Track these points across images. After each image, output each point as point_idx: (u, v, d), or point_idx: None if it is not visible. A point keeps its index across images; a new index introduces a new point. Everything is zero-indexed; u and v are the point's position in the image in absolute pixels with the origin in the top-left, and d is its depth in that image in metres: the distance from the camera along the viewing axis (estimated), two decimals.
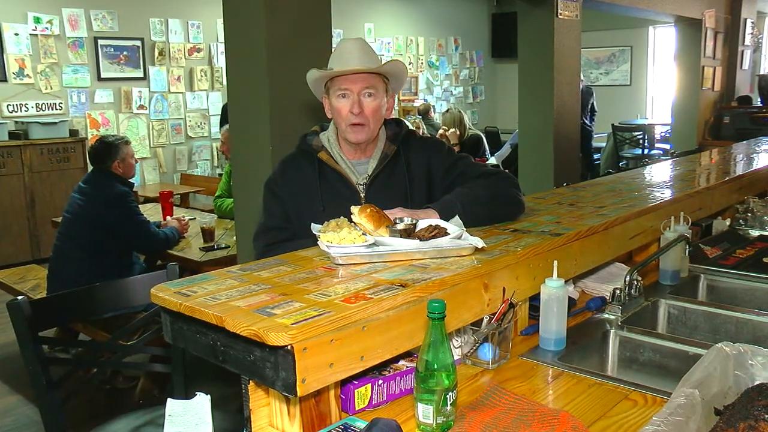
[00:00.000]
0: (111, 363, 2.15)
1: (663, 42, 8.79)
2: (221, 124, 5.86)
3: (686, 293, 1.79)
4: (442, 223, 1.38)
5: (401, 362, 1.18)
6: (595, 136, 7.93)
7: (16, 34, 5.31)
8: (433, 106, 8.59)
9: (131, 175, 3.16)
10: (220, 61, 6.50)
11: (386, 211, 1.40)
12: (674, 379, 1.10)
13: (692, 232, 1.92)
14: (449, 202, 1.52)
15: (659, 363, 1.44)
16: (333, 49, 1.64)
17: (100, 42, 5.76)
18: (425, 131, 5.88)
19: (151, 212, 3.75)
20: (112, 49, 5.82)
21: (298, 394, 0.94)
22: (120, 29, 5.86)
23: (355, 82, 1.56)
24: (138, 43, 6.00)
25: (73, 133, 5.43)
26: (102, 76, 5.79)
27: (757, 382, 1.05)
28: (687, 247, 1.79)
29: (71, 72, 5.63)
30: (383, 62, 1.60)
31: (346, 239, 1.27)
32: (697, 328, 1.66)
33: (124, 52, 5.92)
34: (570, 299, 1.55)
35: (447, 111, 5.62)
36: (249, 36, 2.45)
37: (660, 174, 2.63)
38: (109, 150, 3.11)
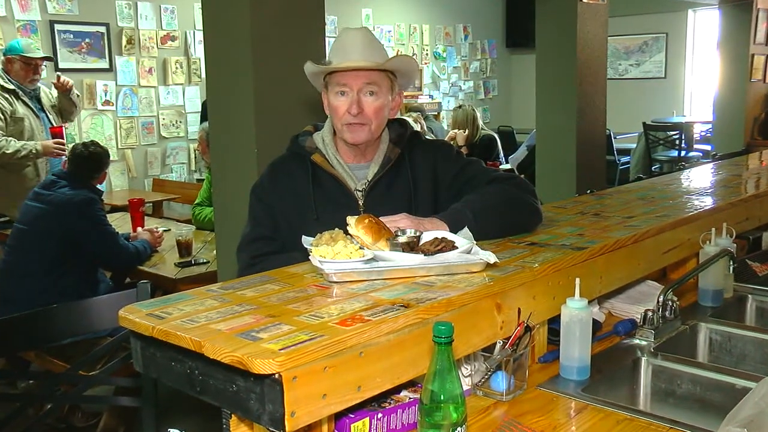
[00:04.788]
0: (69, 397, 2.15)
1: (704, 27, 8.81)
2: (201, 122, 5.87)
3: (731, 316, 1.80)
4: (450, 236, 1.40)
5: (403, 393, 1.19)
6: (624, 136, 7.96)
7: None
8: (440, 103, 8.64)
9: None
10: (198, 51, 6.54)
11: (388, 218, 1.42)
12: (718, 416, 1.11)
13: (737, 246, 1.93)
14: (459, 212, 1.54)
15: (700, 397, 1.44)
16: (334, 39, 1.66)
17: (57, 27, 5.77)
18: (425, 128, 5.91)
19: (119, 223, 3.76)
20: (72, 36, 5.84)
21: (287, 429, 0.95)
22: (81, 12, 5.87)
23: (356, 79, 1.59)
24: (102, 29, 6.03)
25: None
26: (60, 66, 5.77)
27: None
28: (731, 263, 1.80)
29: None
30: (390, 58, 1.63)
31: (342, 253, 1.29)
32: (745, 358, 1.67)
33: (86, 40, 5.95)
34: (595, 322, 1.56)
35: (459, 107, 5.64)
36: (231, 22, 2.47)
37: (699, 179, 2.64)
38: (106, 159, 3.17)
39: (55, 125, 4.10)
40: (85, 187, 3.06)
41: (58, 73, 4.06)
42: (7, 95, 3.89)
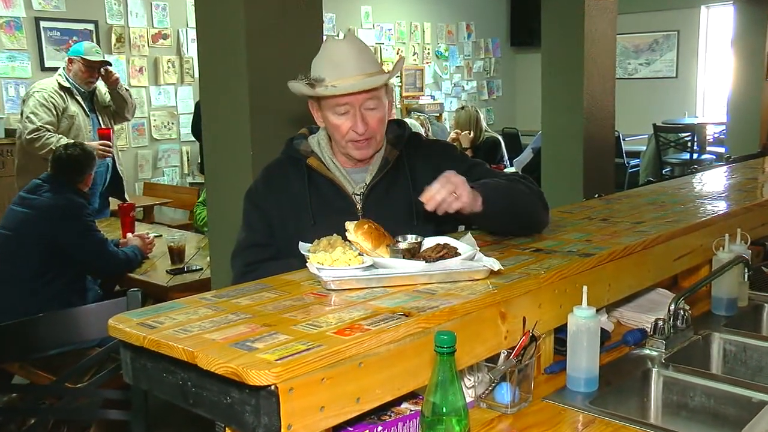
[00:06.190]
0: (55, 410, 2.15)
1: (718, 24, 8.83)
2: (194, 125, 5.90)
3: (746, 326, 1.80)
4: (452, 242, 1.40)
5: (404, 405, 1.19)
6: (633, 138, 7.97)
7: None
8: (441, 104, 8.65)
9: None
10: (191, 50, 6.56)
11: (440, 180, 1.40)
12: (733, 431, 1.11)
13: (752, 253, 1.94)
14: (491, 187, 1.53)
15: (714, 410, 1.44)
16: (320, 51, 1.63)
17: (43, 24, 5.78)
18: (430, 131, 5.91)
19: (109, 228, 3.76)
20: (59, 33, 5.85)
21: None
22: (68, 9, 5.89)
23: (356, 97, 1.57)
24: (91, 26, 6.05)
25: (9, 133, 5.41)
26: (46, 65, 5.79)
27: None
28: (746, 270, 1.80)
29: (6, 59, 5.63)
30: (378, 59, 1.63)
31: (340, 260, 1.30)
32: (761, 369, 1.67)
33: (74, 37, 5.95)
34: (603, 331, 1.56)
35: (462, 108, 5.65)
36: (225, 20, 2.48)
37: (712, 183, 2.65)
38: (89, 161, 3.16)
39: (103, 126, 4.30)
40: (70, 191, 3.06)
41: (107, 67, 4.28)
42: (62, 93, 4.13)
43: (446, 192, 1.41)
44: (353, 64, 1.57)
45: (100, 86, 4.35)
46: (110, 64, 4.37)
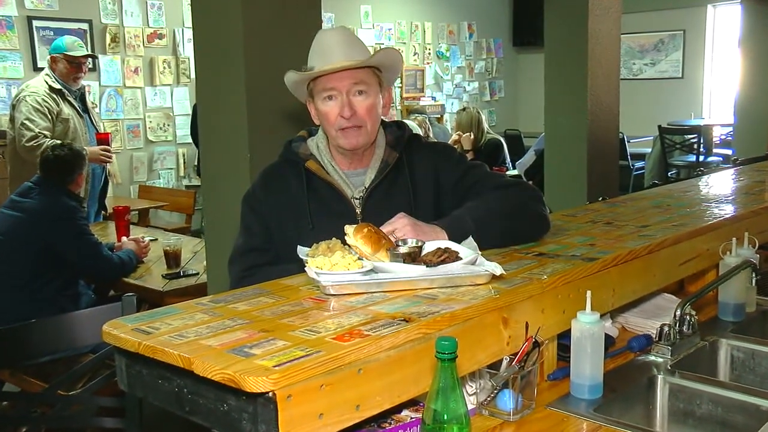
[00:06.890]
0: (47, 418, 2.15)
1: (725, 24, 8.86)
2: (192, 126, 5.90)
3: (754, 332, 1.80)
4: (453, 246, 1.41)
5: (404, 412, 1.19)
6: (638, 140, 7.98)
7: None
8: (443, 105, 8.66)
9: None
10: (187, 50, 6.58)
11: (387, 223, 1.43)
12: None
13: (760, 257, 1.94)
14: (459, 218, 1.55)
15: (721, 418, 1.44)
16: (312, 44, 1.67)
17: (36, 23, 5.80)
18: (431, 133, 5.92)
19: (104, 232, 3.77)
20: (52, 33, 5.85)
21: None
22: (61, 8, 5.90)
23: (342, 80, 1.59)
24: (85, 26, 6.06)
25: (1, 134, 5.44)
26: (39, 65, 5.79)
27: None
28: (753, 275, 1.80)
29: None
30: (374, 53, 1.64)
31: (339, 265, 1.30)
32: None
33: None
34: (607, 337, 1.57)
35: (464, 110, 5.66)
36: (222, 19, 2.49)
37: (719, 186, 2.66)
38: (78, 161, 3.15)
39: (97, 129, 4.27)
40: (62, 193, 3.06)
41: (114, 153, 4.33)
42: (54, 95, 4.03)
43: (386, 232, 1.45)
44: (339, 50, 1.59)
45: (88, 84, 4.30)
46: (95, 57, 4.27)
